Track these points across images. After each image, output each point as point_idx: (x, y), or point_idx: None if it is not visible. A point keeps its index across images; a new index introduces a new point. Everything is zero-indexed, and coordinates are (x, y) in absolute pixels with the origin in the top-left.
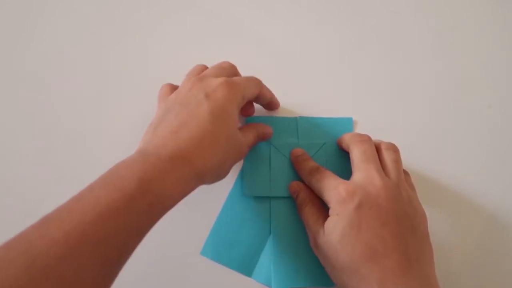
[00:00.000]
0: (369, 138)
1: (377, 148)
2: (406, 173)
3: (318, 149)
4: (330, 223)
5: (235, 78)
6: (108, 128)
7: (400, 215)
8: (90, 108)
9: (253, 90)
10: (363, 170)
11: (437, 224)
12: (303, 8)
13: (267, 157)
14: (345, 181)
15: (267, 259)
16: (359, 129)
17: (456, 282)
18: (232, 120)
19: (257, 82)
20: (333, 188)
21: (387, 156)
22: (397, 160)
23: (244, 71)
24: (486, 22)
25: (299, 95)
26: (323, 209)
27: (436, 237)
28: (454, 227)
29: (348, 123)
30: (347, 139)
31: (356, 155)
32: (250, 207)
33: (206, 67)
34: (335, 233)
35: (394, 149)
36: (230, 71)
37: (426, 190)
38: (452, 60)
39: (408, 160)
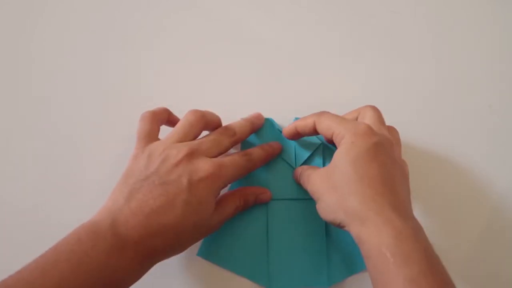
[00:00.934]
0: (323, 111)
1: (356, 113)
2: (391, 127)
3: (315, 149)
4: (343, 148)
5: (226, 160)
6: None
7: (387, 162)
8: (89, 113)
9: (242, 171)
10: (347, 125)
11: (437, 225)
12: (303, 8)
13: None
14: (341, 123)
15: (264, 260)
16: None
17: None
18: (207, 210)
19: (245, 162)
20: (351, 123)
21: (367, 112)
22: (380, 114)
23: (244, 71)
24: (486, 22)
25: (298, 95)
26: None
27: (435, 237)
28: (454, 227)
29: None
30: (311, 119)
31: (325, 123)
32: (247, 210)
33: (203, 120)
34: (348, 156)
35: (372, 106)
36: (227, 143)
37: (425, 190)
38: (452, 60)
39: (408, 160)
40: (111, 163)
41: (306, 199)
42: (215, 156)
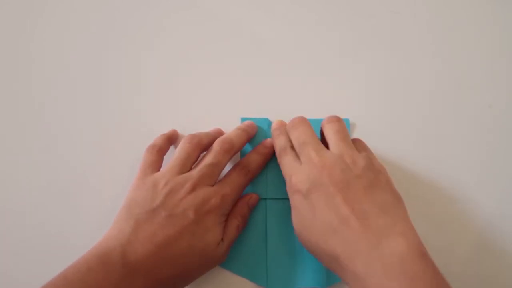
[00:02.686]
0: (300, 121)
1: (322, 126)
2: (355, 139)
3: None
4: (292, 217)
5: (227, 188)
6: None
7: (347, 181)
8: (90, 115)
9: (243, 188)
10: (303, 155)
11: (436, 225)
12: (303, 8)
13: None
14: (297, 168)
15: (263, 260)
16: (359, 130)
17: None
18: (214, 238)
19: (245, 178)
20: (288, 178)
21: (329, 129)
22: (339, 129)
23: (243, 71)
24: (486, 22)
25: (297, 96)
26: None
27: (435, 238)
28: (453, 227)
29: None
30: (287, 128)
31: (294, 142)
32: None
33: (199, 147)
34: (298, 226)
35: (334, 120)
36: (225, 161)
37: (425, 191)
38: (452, 60)
39: (408, 161)
40: (111, 166)
41: None
42: (217, 179)
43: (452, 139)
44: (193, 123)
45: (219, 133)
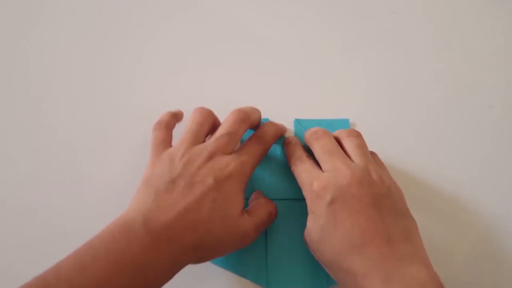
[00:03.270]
0: (324, 132)
1: (339, 138)
2: (372, 153)
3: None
4: (309, 222)
5: (245, 156)
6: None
7: (375, 198)
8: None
9: (260, 157)
10: (328, 163)
11: (436, 227)
12: (303, 8)
13: (264, 160)
14: (320, 174)
15: (263, 260)
16: (359, 130)
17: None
18: (235, 205)
19: (261, 148)
20: (308, 184)
21: (349, 143)
22: (360, 144)
23: (243, 71)
24: (487, 22)
25: (297, 96)
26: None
27: (434, 240)
28: (453, 229)
29: (344, 124)
30: (306, 139)
31: (317, 151)
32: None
33: (210, 117)
34: (314, 233)
35: (354, 134)
36: (242, 131)
37: (425, 191)
38: (452, 60)
39: (408, 161)
40: (113, 163)
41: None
42: (234, 149)
43: (452, 139)
44: None
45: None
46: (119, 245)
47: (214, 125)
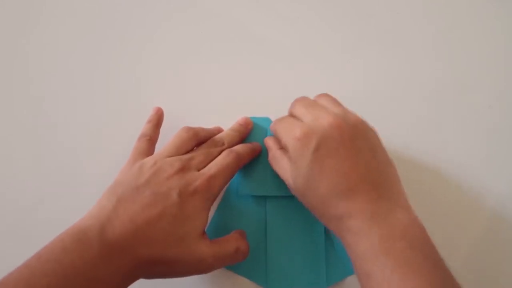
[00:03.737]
0: (303, 96)
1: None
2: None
3: None
4: (293, 171)
5: (215, 170)
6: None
7: (357, 143)
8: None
9: (232, 172)
10: (310, 113)
11: (436, 225)
12: (303, 8)
13: (264, 156)
14: (301, 122)
15: (262, 259)
16: None
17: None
18: (195, 225)
19: (233, 161)
20: (289, 131)
21: (324, 101)
22: (333, 100)
23: (243, 71)
24: (487, 22)
25: (298, 95)
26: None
27: (435, 237)
28: (453, 228)
29: None
30: (289, 108)
31: (298, 108)
32: (245, 207)
33: (195, 138)
34: (299, 181)
35: (326, 95)
36: (216, 153)
37: (425, 191)
38: (452, 60)
39: (408, 160)
40: (109, 162)
41: None
42: (205, 165)
43: (452, 139)
44: (193, 123)
45: (218, 130)
46: (69, 257)
47: (198, 145)
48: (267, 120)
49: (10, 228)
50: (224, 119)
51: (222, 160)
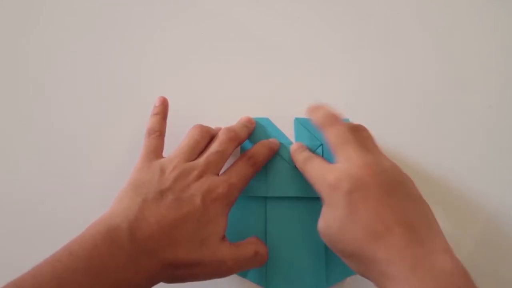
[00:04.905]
0: (338, 118)
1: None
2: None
3: (314, 151)
4: (325, 214)
5: (234, 178)
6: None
7: (391, 186)
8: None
9: (249, 179)
10: (342, 151)
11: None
12: (303, 8)
13: None
14: (332, 166)
15: None
16: None
17: None
18: (216, 228)
19: (251, 169)
20: (321, 177)
21: (360, 135)
22: (368, 136)
23: (244, 71)
24: (487, 22)
25: (298, 95)
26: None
27: None
28: (453, 228)
29: None
30: (319, 123)
31: (331, 137)
32: (245, 208)
33: (208, 136)
34: (333, 225)
35: (362, 128)
36: (231, 150)
37: (425, 191)
38: (452, 60)
39: (407, 160)
40: (111, 160)
41: (305, 198)
42: (222, 167)
43: (452, 139)
44: (193, 123)
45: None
46: (100, 256)
47: (211, 139)
48: (267, 120)
49: (11, 227)
50: (224, 119)
51: (243, 169)
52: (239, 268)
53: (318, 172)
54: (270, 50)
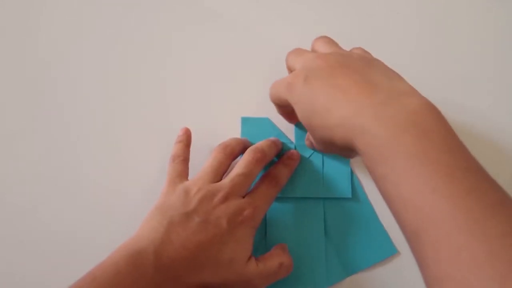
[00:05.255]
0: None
1: (312, 48)
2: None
3: (315, 150)
4: (298, 113)
5: (259, 201)
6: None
7: (346, 62)
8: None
9: (272, 201)
10: (298, 62)
11: None
12: (303, 8)
13: None
14: (298, 65)
15: None
16: None
17: None
18: (243, 250)
19: (275, 191)
20: (281, 82)
21: (320, 43)
22: (328, 41)
23: (244, 71)
24: (487, 22)
25: None
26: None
27: None
28: None
29: None
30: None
31: (288, 60)
32: None
33: (231, 156)
34: (305, 119)
35: (323, 37)
36: (257, 172)
37: None
38: (452, 59)
39: None
40: (111, 167)
41: (305, 198)
42: (247, 189)
43: None
44: (193, 123)
45: (247, 142)
46: (124, 283)
47: (235, 158)
48: (267, 120)
49: (9, 231)
50: (224, 119)
51: (265, 190)
52: (265, 283)
53: (279, 83)
54: (270, 50)
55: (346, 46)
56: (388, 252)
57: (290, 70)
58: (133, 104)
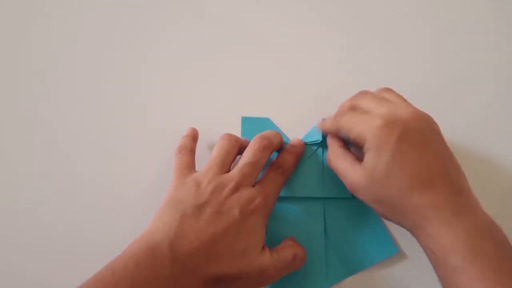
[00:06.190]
0: (366, 91)
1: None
2: None
3: (315, 150)
4: (370, 159)
5: (269, 188)
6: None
7: (433, 137)
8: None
9: (281, 188)
10: (382, 106)
11: None
12: (303, 8)
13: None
14: (379, 113)
15: None
16: None
17: None
18: (256, 238)
19: (282, 178)
20: (365, 122)
21: (389, 96)
22: (398, 94)
23: (244, 71)
24: (487, 21)
25: (298, 95)
26: (352, 153)
27: None
28: None
29: None
30: (352, 98)
31: (367, 101)
32: None
33: (237, 144)
34: (378, 168)
35: (390, 89)
36: (264, 161)
37: None
38: (452, 59)
39: None
40: (109, 166)
41: (305, 198)
42: (256, 177)
43: (451, 139)
44: (193, 122)
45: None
46: (143, 275)
47: (240, 151)
48: (267, 120)
49: (9, 231)
50: (224, 119)
51: (273, 178)
52: (280, 274)
53: (360, 119)
54: (271, 50)
55: (346, 46)
56: (390, 251)
57: (360, 108)
58: (133, 104)
